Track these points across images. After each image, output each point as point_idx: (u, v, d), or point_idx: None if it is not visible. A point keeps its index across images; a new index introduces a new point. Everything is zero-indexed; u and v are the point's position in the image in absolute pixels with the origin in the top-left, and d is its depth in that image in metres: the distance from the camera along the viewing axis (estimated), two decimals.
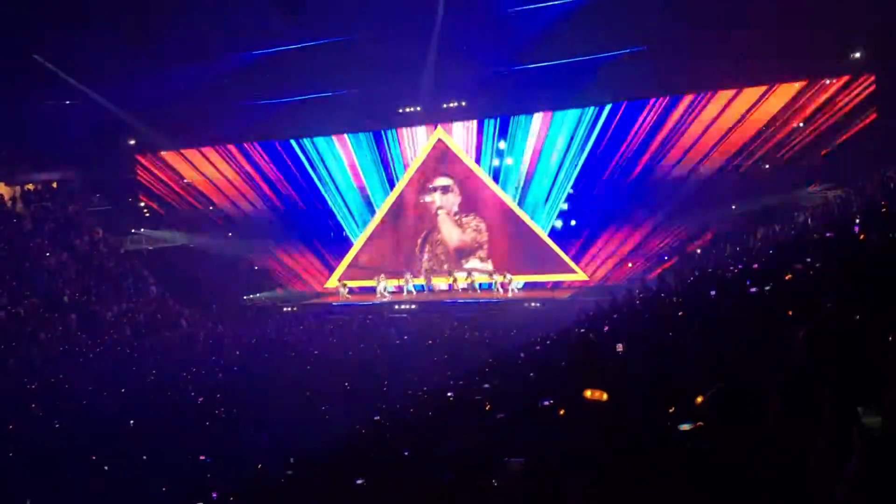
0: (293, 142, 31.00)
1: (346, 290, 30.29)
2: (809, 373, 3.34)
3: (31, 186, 30.83)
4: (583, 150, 27.07)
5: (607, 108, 26.43)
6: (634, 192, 26.43)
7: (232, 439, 14.47)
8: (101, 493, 12.04)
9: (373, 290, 30.01)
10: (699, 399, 3.88)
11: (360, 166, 30.55)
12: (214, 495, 11.33)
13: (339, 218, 31.39)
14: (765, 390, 3.57)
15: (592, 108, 26.71)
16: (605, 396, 4.88)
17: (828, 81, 23.58)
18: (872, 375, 2.87)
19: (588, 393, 4.90)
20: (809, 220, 19.37)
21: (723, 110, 24.93)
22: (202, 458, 13.67)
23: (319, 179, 31.06)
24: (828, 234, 11.29)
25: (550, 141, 27.62)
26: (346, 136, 30.45)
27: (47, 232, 28.24)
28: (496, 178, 28.87)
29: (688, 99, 25.44)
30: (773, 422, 3.35)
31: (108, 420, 16.15)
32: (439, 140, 29.46)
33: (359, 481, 6.33)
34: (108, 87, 28.06)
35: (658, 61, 23.93)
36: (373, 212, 30.94)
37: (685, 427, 3.99)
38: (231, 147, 31.76)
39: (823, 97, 23.61)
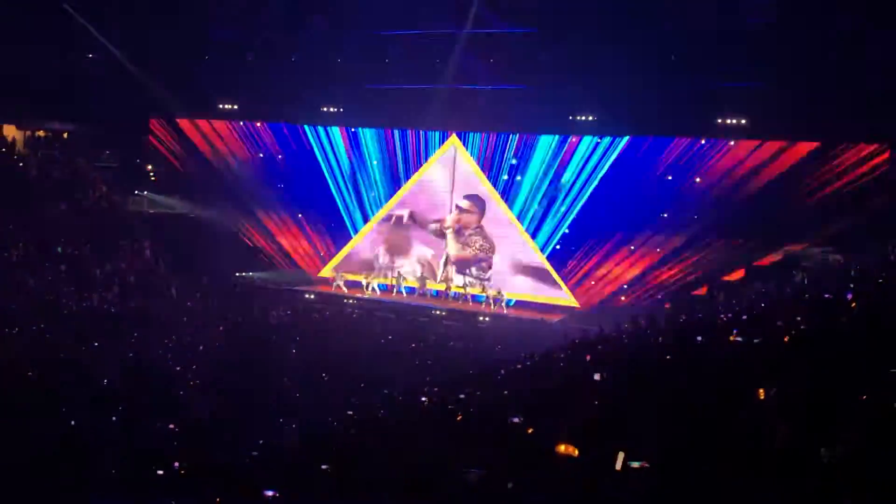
0: (308, 128, 30.99)
1: (343, 281, 30.20)
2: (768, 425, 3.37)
3: (41, 133, 30.85)
4: (592, 177, 27.06)
5: (625, 139, 26.42)
6: (637, 228, 26.42)
7: (203, 411, 14.45)
8: (61, 444, 12.00)
9: (362, 285, 30.02)
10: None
11: (368, 161, 30.54)
12: (176, 465, 11.32)
13: (340, 209, 31.36)
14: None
15: (609, 138, 26.71)
16: (576, 452, 4.88)
17: (846, 146, 23.58)
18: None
19: (561, 447, 4.90)
20: (805, 280, 19.40)
21: (737, 159, 24.94)
22: (171, 426, 13.67)
23: (329, 168, 31.06)
24: (826, 296, 11.32)
25: (562, 163, 27.61)
26: (359, 129, 30.43)
27: (51, 181, 28.25)
28: (503, 194, 28.87)
29: (703, 143, 25.46)
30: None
31: (81, 375, 16.14)
32: (452, 147, 29.48)
33: (269, 492, 6.30)
34: (133, 46, 28.12)
35: (681, 103, 24.06)
36: (377, 208, 30.90)
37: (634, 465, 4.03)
38: (244, 124, 31.77)
39: (839, 161, 23.58)
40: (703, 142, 25.58)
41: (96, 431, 12.79)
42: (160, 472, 11.06)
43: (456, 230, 29.79)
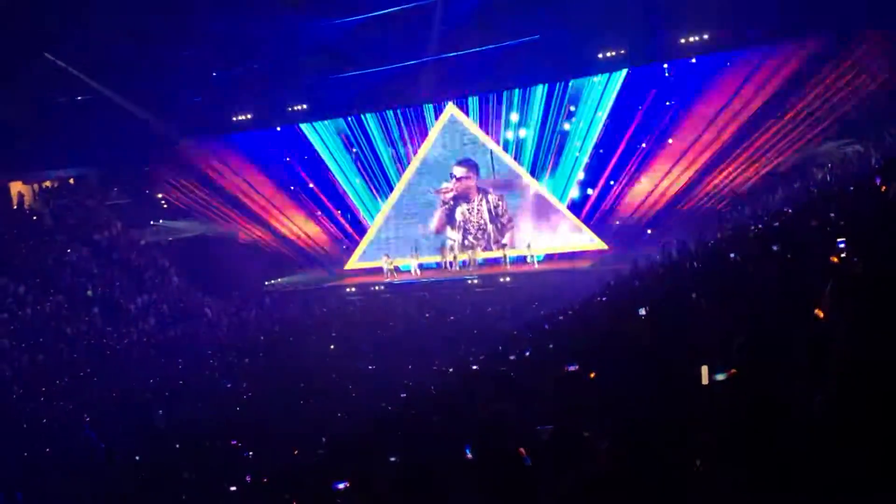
0: (304, 126, 30.95)
1: (393, 267, 30.17)
2: (838, 325, 3.33)
3: (48, 184, 31.04)
4: (596, 117, 26.87)
5: (622, 73, 26.13)
6: (651, 159, 26.21)
7: (262, 423, 14.60)
8: (137, 483, 12.20)
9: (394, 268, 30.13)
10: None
11: (369, 147, 30.48)
12: (248, 479, 11.47)
13: (352, 200, 31.38)
14: (793, 342, 3.57)
15: (605, 75, 26.45)
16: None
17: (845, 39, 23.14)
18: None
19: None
20: (828, 175, 19.20)
21: (743, 71, 24.59)
22: (234, 442, 13.83)
23: (336, 162, 31.04)
24: (850, 188, 11.16)
25: (564, 110, 27.41)
26: (354, 117, 30.37)
27: (67, 228, 28.46)
28: (510, 151, 28.73)
29: (705, 60, 25.08)
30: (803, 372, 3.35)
31: (136, 411, 16.37)
32: (451, 115, 29.33)
33: (341, 485, 6.29)
34: (119, 81, 28.12)
35: (667, 20, 23.76)
36: (388, 192, 30.87)
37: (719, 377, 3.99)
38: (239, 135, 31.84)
39: (841, 55, 23.15)
40: (693, 60, 25.24)
41: (171, 458, 12.99)
42: (233, 488, 11.23)
43: (460, 197, 29.74)
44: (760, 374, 3.40)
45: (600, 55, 25.72)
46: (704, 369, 3.94)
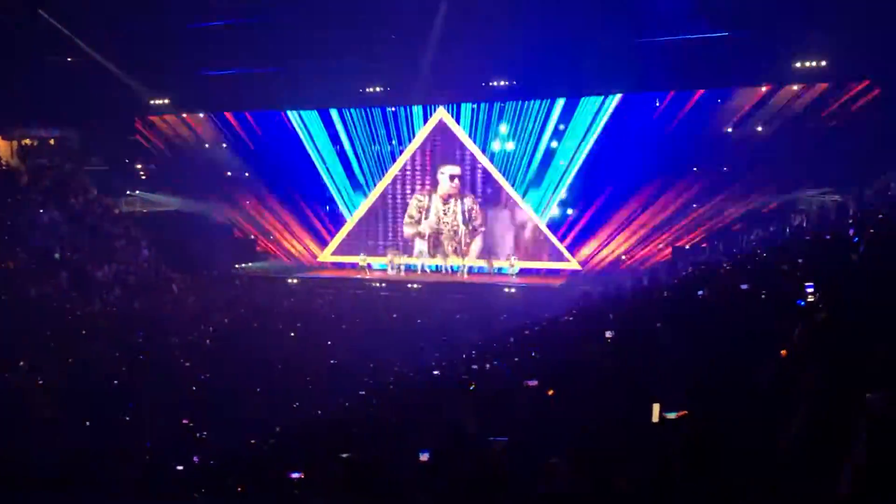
0: (291, 113, 30.88)
1: (367, 264, 30.18)
2: (806, 368, 3.38)
3: (28, 142, 30.65)
4: (584, 140, 27.03)
5: (614, 98, 26.37)
6: (633, 187, 26.37)
7: (216, 406, 14.50)
8: (84, 450, 12.05)
9: (368, 266, 30.11)
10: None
11: (356, 142, 30.44)
12: (196, 459, 11.38)
13: (332, 193, 31.33)
14: (757, 383, 3.61)
15: (598, 97, 26.63)
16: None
17: (832, 86, 23.58)
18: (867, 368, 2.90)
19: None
20: (804, 222, 19.43)
21: (727, 108, 24.94)
22: (185, 421, 13.73)
23: (318, 152, 30.99)
24: (826, 237, 11.31)
25: (554, 128, 27.55)
26: (343, 110, 30.31)
27: (42, 188, 28.09)
28: (496, 162, 28.81)
29: (692, 95, 25.36)
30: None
31: (93, 379, 16.18)
32: (440, 120, 29.37)
33: (295, 475, 6.30)
34: (111, 47, 27.85)
35: (666, 56, 23.97)
36: (369, 188, 30.84)
37: (670, 416, 4.01)
38: (229, 115, 31.67)
39: (828, 102, 23.55)
40: (693, 93, 25.49)
41: (112, 432, 12.85)
42: (180, 467, 11.14)
43: (439, 200, 29.79)
44: (718, 405, 3.44)
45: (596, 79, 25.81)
46: (656, 407, 3.96)
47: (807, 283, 5.98)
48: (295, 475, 6.13)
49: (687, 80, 25.00)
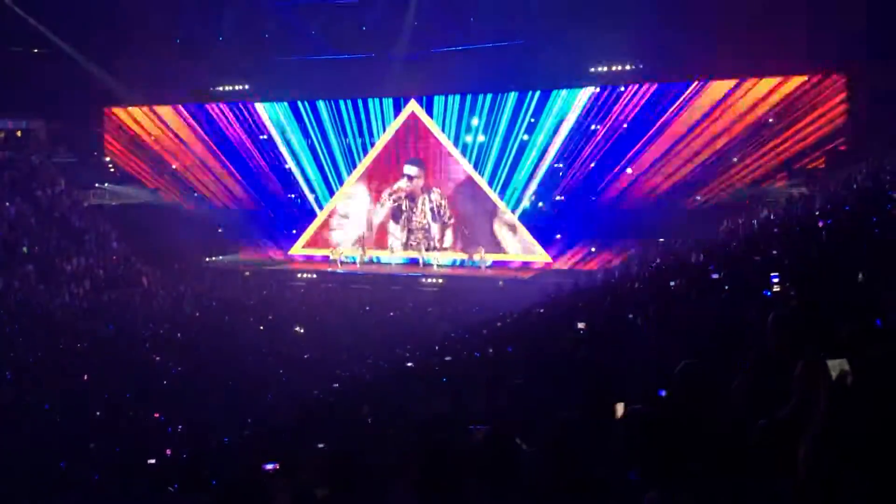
0: (262, 105, 30.74)
1: (339, 257, 30.10)
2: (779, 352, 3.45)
3: None
4: (556, 132, 27.15)
5: (589, 91, 26.52)
6: (604, 178, 26.53)
7: (187, 399, 14.42)
8: (50, 445, 11.94)
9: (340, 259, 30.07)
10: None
11: (328, 135, 30.33)
12: (168, 452, 11.32)
13: (302, 185, 31.21)
14: (732, 367, 3.67)
15: (572, 90, 26.73)
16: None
17: (799, 79, 23.88)
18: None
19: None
20: (772, 215, 19.63)
21: (695, 102, 25.16)
22: (156, 415, 13.65)
23: (287, 145, 30.86)
24: (797, 229, 11.46)
25: (526, 121, 27.62)
26: (314, 103, 30.18)
27: (8, 180, 27.69)
28: (468, 155, 28.82)
29: (661, 88, 25.55)
30: (739, 395, 3.45)
31: (61, 373, 16.02)
32: (412, 113, 29.31)
33: (269, 466, 6.28)
34: (79, 38, 27.52)
35: (633, 47, 24.18)
36: (339, 182, 30.73)
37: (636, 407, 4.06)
38: (197, 107, 31.48)
39: (794, 95, 23.86)
40: (658, 86, 25.67)
41: (82, 426, 12.75)
42: (152, 461, 11.06)
43: (407, 196, 29.81)
44: (691, 397, 3.48)
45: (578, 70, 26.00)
46: (619, 406, 4.01)
47: (772, 274, 6.07)
48: (269, 466, 6.11)
49: (653, 73, 25.19)
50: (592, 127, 26.60)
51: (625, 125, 26.13)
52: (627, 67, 25.53)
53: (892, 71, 19.67)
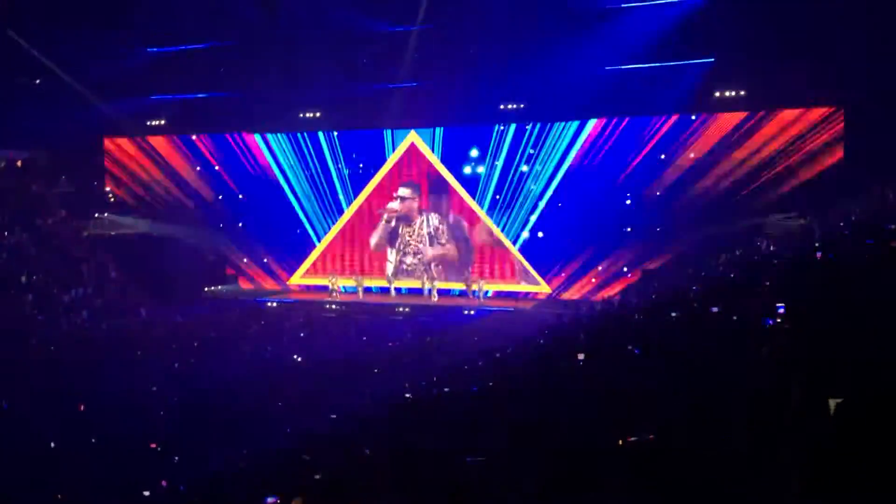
0: (258, 136, 30.89)
1: (338, 287, 30.11)
2: (775, 382, 3.44)
3: None
4: (561, 163, 27.23)
5: (590, 123, 26.63)
6: (604, 210, 26.51)
7: (185, 429, 14.34)
8: (48, 476, 11.87)
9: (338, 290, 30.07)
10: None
11: (326, 165, 30.43)
12: (164, 484, 11.25)
13: (301, 216, 31.25)
14: (731, 399, 3.66)
15: (575, 122, 26.83)
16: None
17: (799, 112, 24.02)
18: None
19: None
20: (771, 246, 19.67)
21: (696, 135, 25.26)
22: (153, 445, 13.57)
23: (284, 176, 30.94)
24: (792, 260, 11.48)
25: (526, 152, 27.70)
26: (316, 133, 30.33)
27: (9, 210, 27.78)
28: (467, 187, 28.89)
29: (662, 121, 25.65)
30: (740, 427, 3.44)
31: (58, 403, 15.94)
32: (412, 144, 29.44)
33: (270, 500, 6.25)
34: (79, 68, 27.72)
35: (638, 81, 24.35)
36: (339, 212, 30.78)
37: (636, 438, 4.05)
38: (197, 138, 31.66)
39: (794, 127, 23.98)
40: (658, 119, 25.78)
41: (86, 454, 12.68)
42: (146, 493, 11.00)
43: (402, 218, 29.86)
44: (693, 428, 3.48)
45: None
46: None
47: (777, 304, 6.07)
48: (270, 500, 6.07)
49: (656, 106, 25.31)
50: (590, 157, 26.67)
51: (627, 157, 26.14)
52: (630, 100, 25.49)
53: (891, 106, 19.83)
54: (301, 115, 29.53)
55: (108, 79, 27.77)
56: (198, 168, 31.96)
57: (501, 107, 27.32)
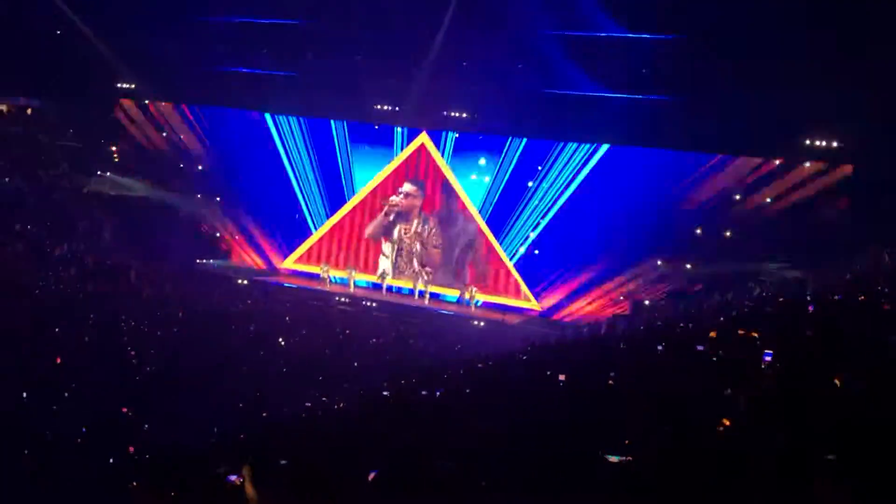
0: (269, 116, 30.89)
1: (328, 276, 30.12)
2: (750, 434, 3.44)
3: (5, 108, 30.26)
4: (569, 185, 27.24)
5: (602, 148, 26.64)
6: (604, 236, 26.46)
7: (158, 398, 14.27)
8: (16, 426, 11.79)
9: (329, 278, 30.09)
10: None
11: (335, 154, 30.41)
12: (131, 450, 11.19)
13: (301, 202, 31.23)
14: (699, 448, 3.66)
15: (587, 145, 26.83)
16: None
17: (806, 164, 24.10)
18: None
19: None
20: (764, 293, 19.70)
21: (707, 174, 25.25)
22: (124, 409, 13.50)
23: (289, 159, 30.91)
24: (784, 310, 11.50)
25: (534, 169, 27.71)
26: (327, 120, 30.31)
27: (12, 157, 27.72)
28: (472, 194, 28.89)
29: (677, 156, 25.70)
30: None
31: (36, 356, 15.87)
32: (422, 145, 29.44)
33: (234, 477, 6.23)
34: (103, 24, 27.69)
35: (649, 113, 24.38)
36: (340, 202, 30.75)
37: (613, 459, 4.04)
38: (206, 109, 31.68)
39: (800, 178, 24.05)
40: (673, 154, 25.75)
41: (57, 410, 12.60)
42: (111, 459, 10.93)
43: (401, 215, 29.86)
44: (665, 460, 3.48)
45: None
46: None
47: (765, 351, 6.08)
48: (234, 477, 6.03)
49: (674, 139, 25.30)
50: (597, 186, 26.66)
51: (631, 188, 26.08)
52: (639, 129, 25.46)
53: None
54: (314, 100, 29.37)
55: (133, 40, 27.79)
56: (204, 140, 31.90)
57: (515, 121, 27.26)
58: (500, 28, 24.96)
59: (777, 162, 24.58)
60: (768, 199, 24.63)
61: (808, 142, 23.78)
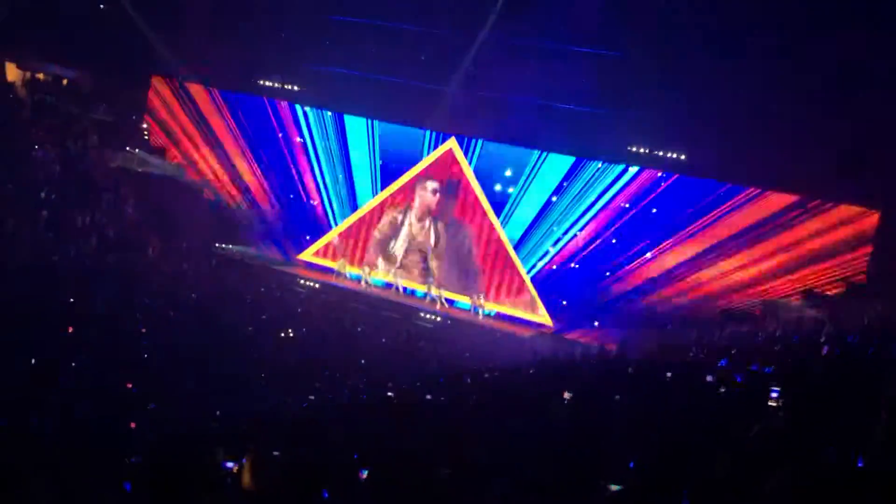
0: (301, 108, 30.95)
1: (345, 272, 30.20)
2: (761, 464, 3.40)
3: (40, 76, 30.54)
4: (594, 204, 27.00)
5: (631, 170, 26.36)
6: (624, 260, 26.34)
7: (164, 375, 14.33)
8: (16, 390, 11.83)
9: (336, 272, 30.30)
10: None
11: (362, 152, 30.43)
12: (133, 425, 11.21)
13: (324, 196, 31.30)
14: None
15: (619, 166, 26.54)
16: None
17: (835, 208, 23.78)
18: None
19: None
20: (779, 331, 19.52)
21: (736, 208, 24.91)
22: (129, 385, 13.54)
23: (318, 153, 30.99)
24: (798, 348, 11.39)
25: (562, 185, 27.60)
26: (357, 118, 30.32)
27: (44, 125, 27.96)
28: (495, 204, 28.82)
29: (709, 186, 25.30)
30: None
31: (46, 323, 15.96)
32: (449, 150, 29.40)
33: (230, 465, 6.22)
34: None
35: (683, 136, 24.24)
36: (364, 200, 30.79)
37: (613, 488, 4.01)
38: (238, 96, 31.81)
39: (828, 220, 23.74)
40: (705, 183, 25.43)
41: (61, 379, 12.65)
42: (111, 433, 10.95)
43: (415, 210, 29.87)
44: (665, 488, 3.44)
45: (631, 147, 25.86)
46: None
47: (773, 389, 6.01)
48: (229, 465, 6.03)
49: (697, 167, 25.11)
50: (624, 204, 26.49)
51: (653, 210, 25.96)
52: (671, 155, 25.26)
53: None
54: (346, 96, 29.34)
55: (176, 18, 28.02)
56: (233, 127, 31.99)
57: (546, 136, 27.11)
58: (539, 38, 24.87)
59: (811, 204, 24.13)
60: (796, 238, 24.24)
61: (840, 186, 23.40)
